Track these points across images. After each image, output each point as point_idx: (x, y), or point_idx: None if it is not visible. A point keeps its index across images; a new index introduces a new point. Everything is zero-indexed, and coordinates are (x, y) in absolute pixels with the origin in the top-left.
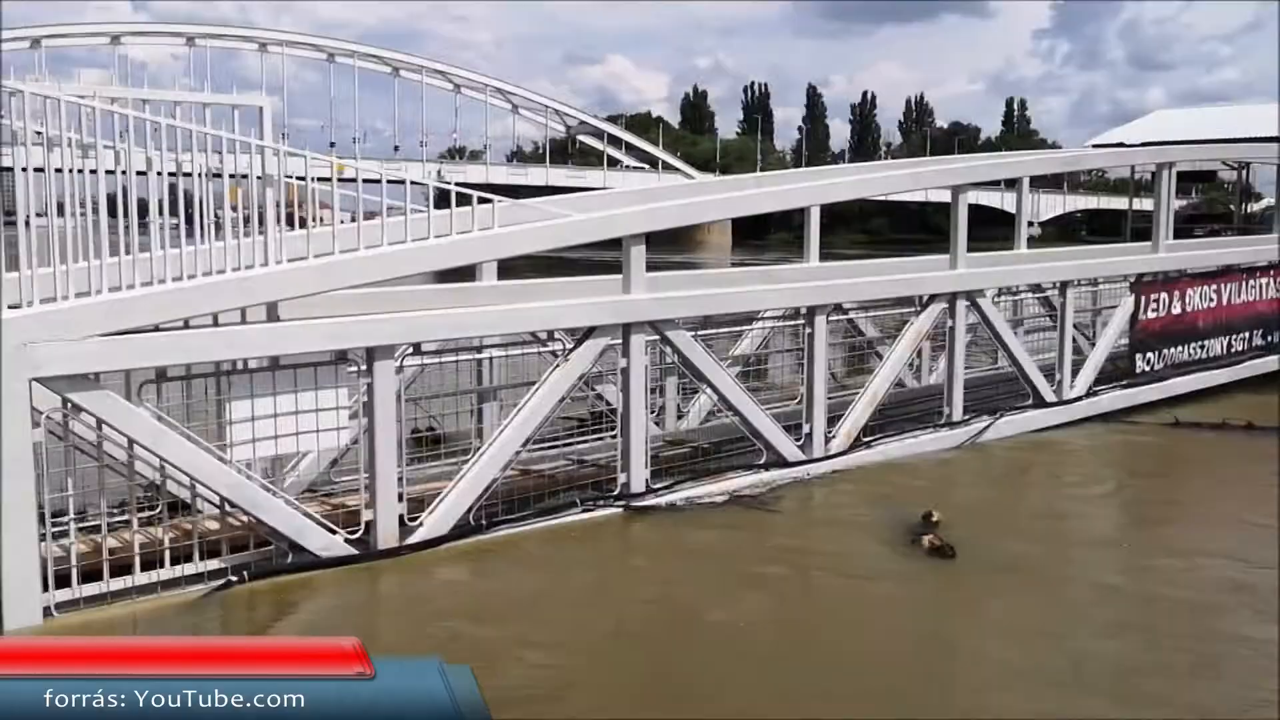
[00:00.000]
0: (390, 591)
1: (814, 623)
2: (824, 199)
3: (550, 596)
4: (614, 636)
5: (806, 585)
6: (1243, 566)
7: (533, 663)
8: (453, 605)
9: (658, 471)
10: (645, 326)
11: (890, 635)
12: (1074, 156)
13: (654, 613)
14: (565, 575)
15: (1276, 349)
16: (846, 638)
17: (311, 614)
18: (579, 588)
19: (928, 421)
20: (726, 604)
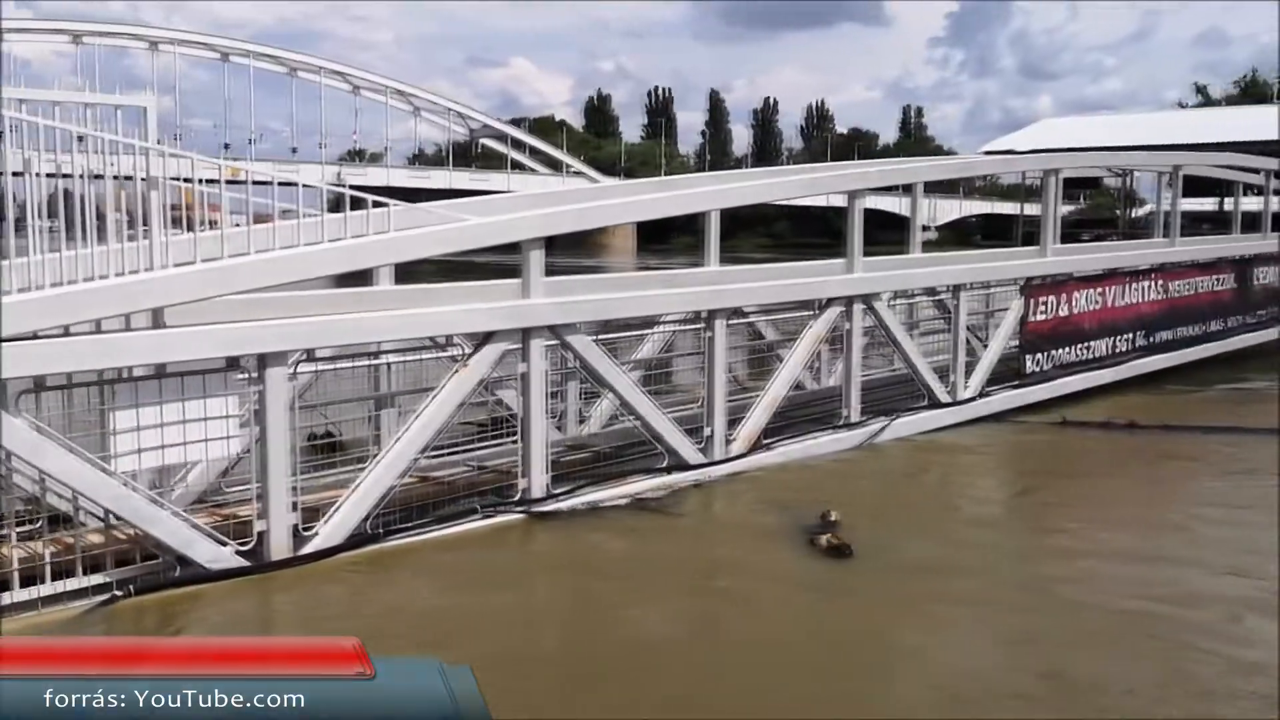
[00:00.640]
0: (281, 605)
1: (715, 625)
2: (723, 204)
3: (447, 608)
4: (517, 648)
5: (707, 588)
6: (1130, 558)
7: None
8: (345, 619)
9: (559, 476)
10: (544, 331)
11: (789, 632)
12: (965, 163)
13: (555, 621)
14: (463, 585)
15: (1158, 349)
16: (748, 638)
17: (199, 629)
18: (478, 598)
19: (826, 423)
20: (630, 610)
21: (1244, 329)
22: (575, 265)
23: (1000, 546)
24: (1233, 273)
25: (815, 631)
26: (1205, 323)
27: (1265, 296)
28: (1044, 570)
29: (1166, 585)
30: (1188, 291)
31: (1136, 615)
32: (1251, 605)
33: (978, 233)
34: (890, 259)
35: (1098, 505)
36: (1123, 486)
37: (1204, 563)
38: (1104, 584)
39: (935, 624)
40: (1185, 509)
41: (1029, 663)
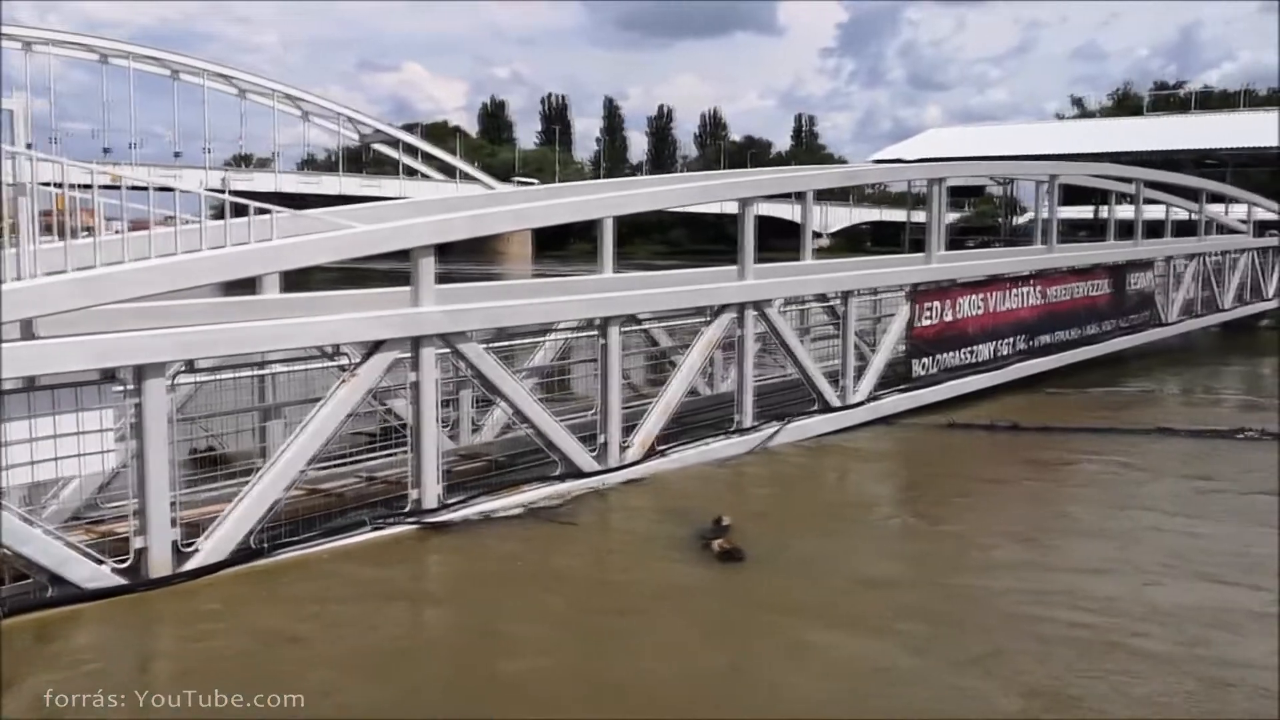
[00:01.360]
0: (159, 625)
1: (607, 634)
2: (617, 211)
3: (334, 625)
4: (404, 665)
5: (601, 596)
6: (1015, 558)
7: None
8: (226, 639)
9: (452, 486)
10: (435, 339)
11: (681, 638)
12: (854, 172)
13: (446, 636)
14: (351, 600)
15: (1038, 353)
16: (640, 646)
17: (72, 651)
18: (366, 613)
19: (721, 428)
20: (522, 622)
21: (1119, 332)
22: (471, 272)
23: (890, 549)
24: (1108, 278)
25: (699, 642)
26: (1082, 327)
27: (1139, 301)
28: (935, 575)
29: (1050, 584)
30: (1066, 297)
31: (1021, 617)
32: (1133, 596)
33: (869, 239)
34: (782, 266)
35: (984, 505)
36: (1007, 486)
37: (1085, 560)
38: (995, 587)
39: (815, 630)
40: (1065, 507)
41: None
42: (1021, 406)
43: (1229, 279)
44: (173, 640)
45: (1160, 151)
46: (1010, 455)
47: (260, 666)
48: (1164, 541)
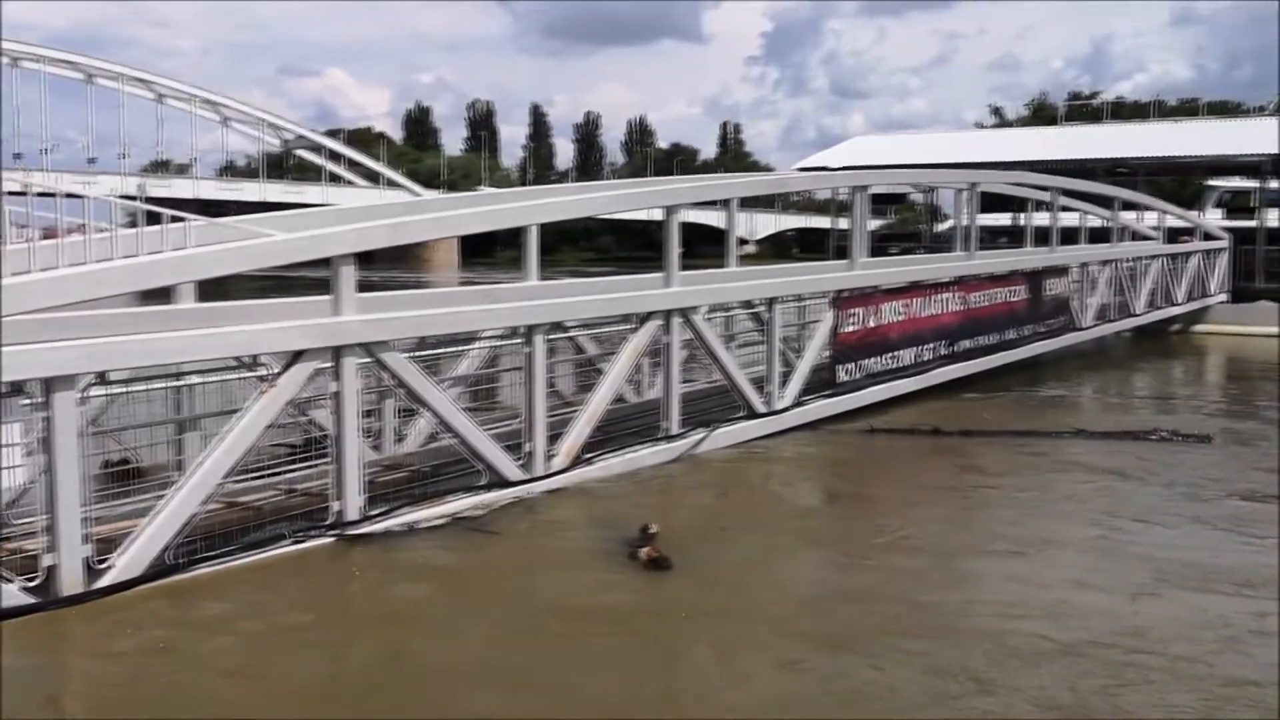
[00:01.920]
0: (69, 645)
1: (531, 646)
2: (541, 218)
3: (252, 643)
4: (327, 686)
5: (526, 607)
6: (938, 562)
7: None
8: (139, 659)
9: (375, 497)
10: (357, 349)
11: (607, 648)
12: (779, 179)
13: (366, 652)
14: (269, 616)
15: (959, 358)
16: (566, 657)
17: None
18: (285, 629)
19: (647, 435)
20: (445, 637)
21: (1037, 337)
22: (395, 280)
23: (816, 556)
24: (1026, 284)
25: (625, 652)
26: (1002, 332)
27: (1055, 306)
28: (857, 581)
29: (980, 591)
30: (985, 302)
31: (936, 609)
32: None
33: (795, 245)
34: (707, 273)
35: (907, 511)
36: (929, 489)
37: (1011, 565)
38: (915, 586)
39: (738, 640)
40: (988, 510)
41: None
42: (943, 411)
43: (1141, 284)
44: (83, 662)
45: (1075, 160)
46: (932, 459)
47: (175, 688)
48: (1081, 541)
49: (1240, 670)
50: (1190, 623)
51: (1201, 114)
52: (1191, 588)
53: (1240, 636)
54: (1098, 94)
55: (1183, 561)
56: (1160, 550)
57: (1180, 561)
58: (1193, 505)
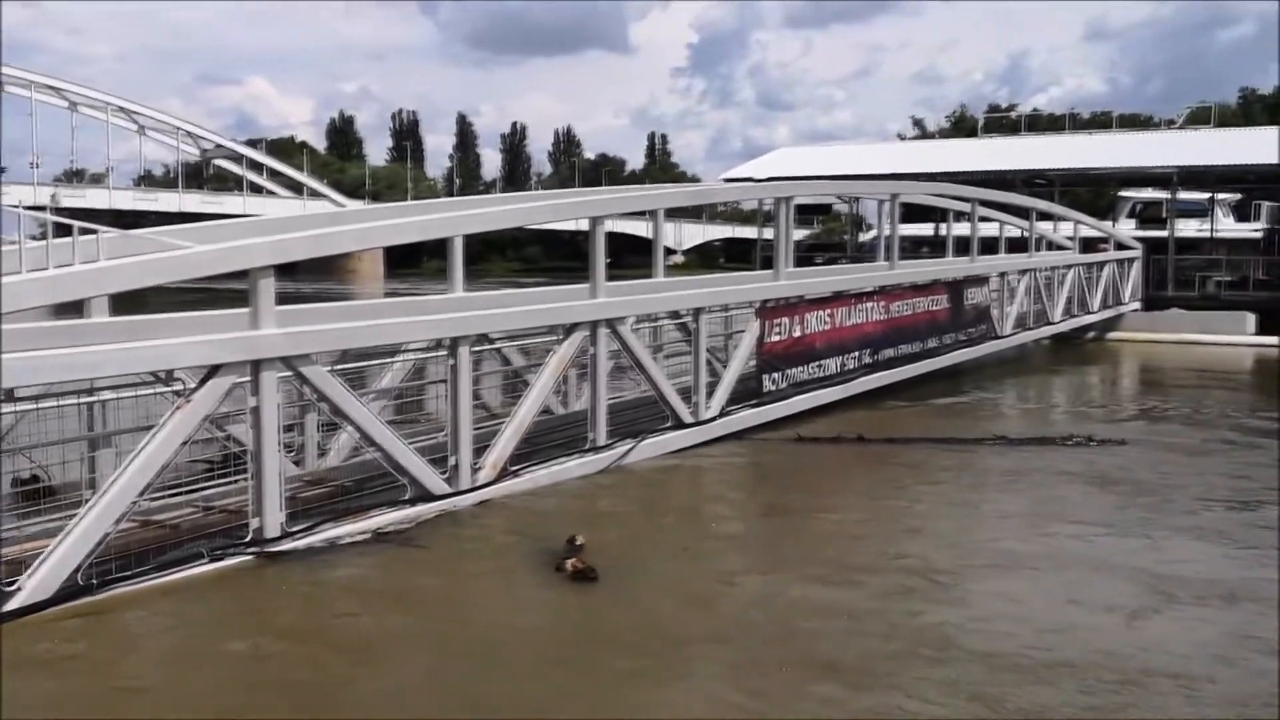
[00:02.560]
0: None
1: (456, 660)
2: (465, 230)
3: (166, 665)
4: (244, 708)
5: (449, 620)
6: (860, 569)
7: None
8: (49, 684)
9: (296, 513)
10: (276, 363)
11: (533, 660)
12: (704, 191)
13: (286, 672)
14: (184, 637)
15: (882, 366)
16: (491, 670)
17: None
18: (199, 651)
19: (574, 447)
20: (365, 654)
21: (958, 345)
22: (318, 292)
23: (743, 564)
24: (946, 293)
25: (550, 664)
26: (924, 340)
27: (975, 315)
28: (783, 590)
29: (912, 602)
30: (908, 312)
31: (860, 613)
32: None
33: (722, 255)
34: (634, 283)
35: (834, 518)
36: (854, 496)
37: (939, 569)
38: (844, 600)
39: (662, 649)
40: (913, 519)
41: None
42: (867, 419)
43: (1058, 293)
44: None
45: (994, 171)
46: (857, 466)
47: (86, 710)
48: (997, 544)
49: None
50: (1183, 638)
51: (1114, 127)
52: (1158, 595)
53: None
54: (1015, 107)
55: (1131, 567)
56: (1113, 557)
57: (1130, 567)
58: (1128, 511)
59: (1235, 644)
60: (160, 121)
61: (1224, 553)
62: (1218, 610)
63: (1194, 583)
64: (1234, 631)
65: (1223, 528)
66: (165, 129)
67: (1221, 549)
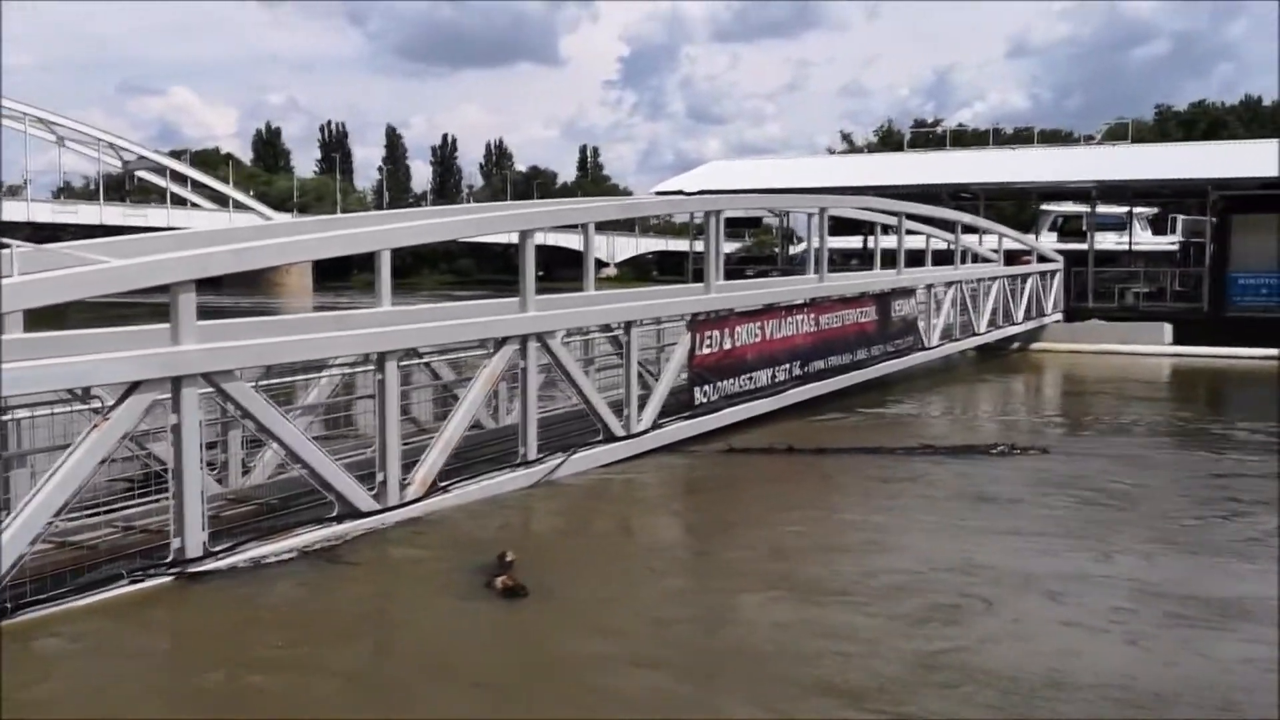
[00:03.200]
0: None
1: (381, 679)
2: (392, 244)
3: (81, 691)
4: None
5: (376, 639)
6: (790, 578)
7: None
8: None
9: (219, 532)
10: (197, 379)
11: (462, 678)
12: (633, 204)
13: (205, 697)
14: (99, 661)
15: (812, 378)
16: (418, 690)
17: None
18: (115, 675)
19: (505, 462)
20: (288, 674)
21: (886, 357)
22: (244, 306)
23: (674, 581)
24: (875, 305)
25: (480, 682)
26: (853, 352)
27: (903, 327)
28: (718, 604)
29: (837, 617)
30: (837, 324)
31: (793, 626)
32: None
33: (655, 268)
34: (564, 297)
35: (766, 529)
36: (785, 507)
37: (872, 581)
38: (775, 614)
39: (608, 661)
40: (842, 530)
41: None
42: (798, 429)
43: (983, 305)
44: None
45: (921, 185)
46: (788, 477)
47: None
48: (941, 553)
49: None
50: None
51: (1036, 142)
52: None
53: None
54: (940, 121)
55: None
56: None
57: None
58: (1046, 519)
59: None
60: (80, 132)
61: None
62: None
63: (1119, 581)
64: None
65: (1165, 535)
66: (86, 140)
67: (1159, 554)
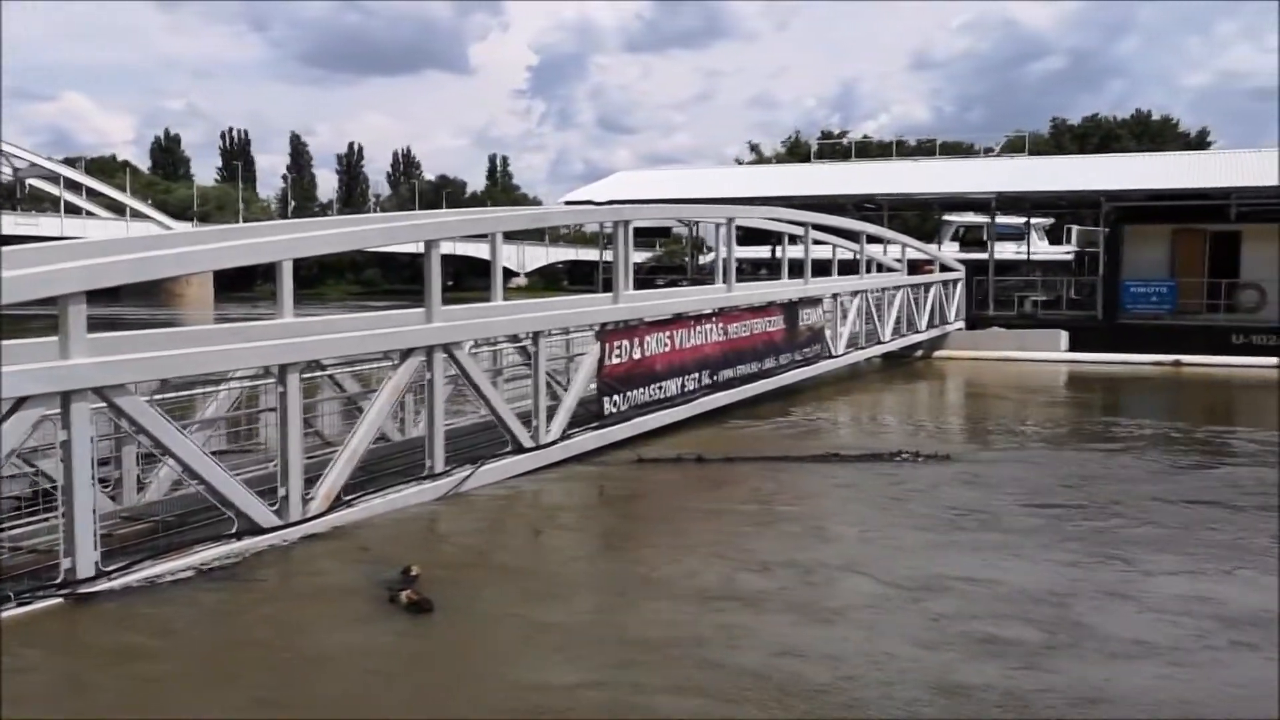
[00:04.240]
0: None
1: (279, 700)
2: (293, 254)
3: None
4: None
5: (275, 658)
6: (715, 586)
7: None
8: None
9: (113, 551)
10: (88, 394)
11: (364, 695)
12: (541, 214)
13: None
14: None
15: (721, 387)
16: (319, 708)
17: None
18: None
19: (411, 474)
20: (182, 697)
21: (794, 365)
22: (142, 318)
23: (582, 594)
24: (782, 314)
25: (383, 698)
26: (761, 361)
27: (810, 335)
28: (627, 618)
29: (737, 618)
30: (745, 333)
31: (706, 639)
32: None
33: (566, 278)
34: (471, 307)
35: (675, 538)
36: (694, 516)
37: (772, 584)
38: (687, 623)
39: (513, 676)
40: (749, 540)
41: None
42: (707, 438)
43: (888, 313)
44: None
45: (827, 196)
46: (697, 486)
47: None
48: (837, 555)
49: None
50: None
51: (938, 154)
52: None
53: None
54: (846, 133)
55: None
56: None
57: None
58: (951, 523)
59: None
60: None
61: (1040, 561)
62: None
63: (1008, 584)
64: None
65: (1045, 540)
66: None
67: (1044, 559)
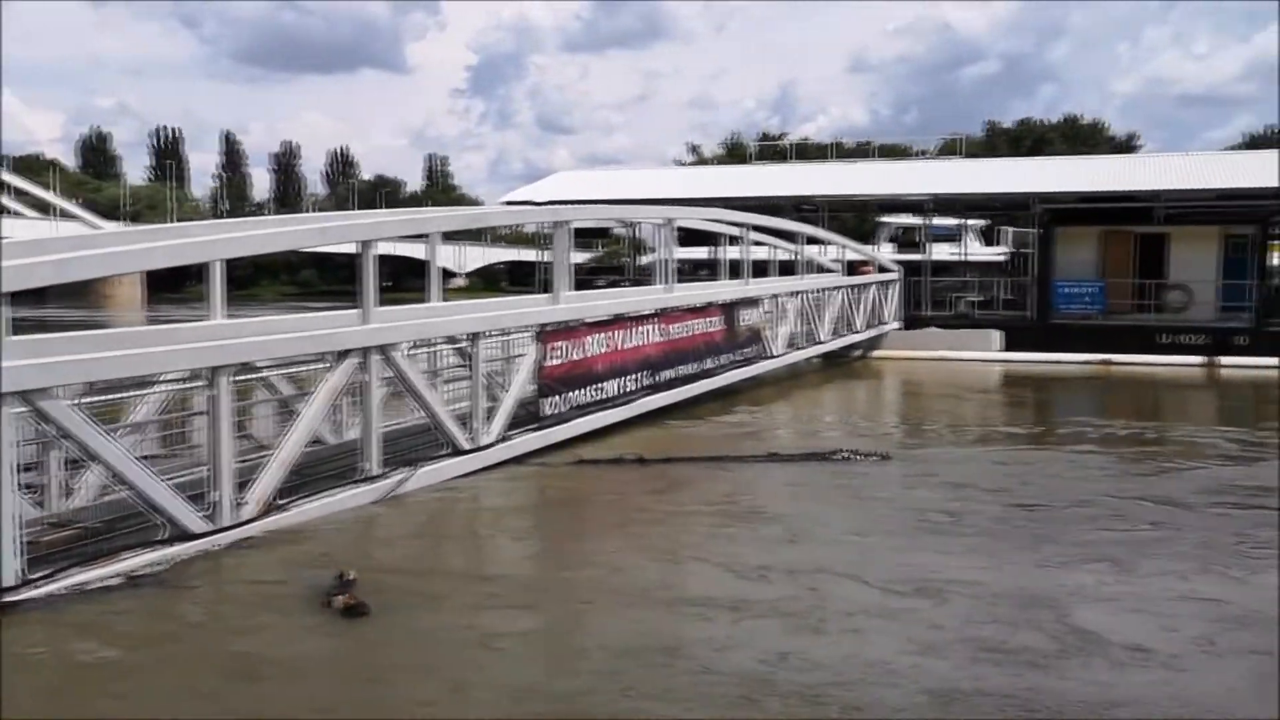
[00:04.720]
0: None
1: (214, 709)
2: (223, 254)
3: None
4: None
5: (206, 666)
6: (654, 591)
7: None
8: None
9: (38, 559)
10: (10, 398)
11: (300, 702)
12: (479, 214)
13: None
14: None
15: (661, 387)
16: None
17: None
18: None
19: (347, 478)
20: (107, 706)
21: (733, 365)
22: (70, 320)
23: (521, 596)
24: (721, 315)
25: (322, 703)
26: (701, 361)
27: (749, 336)
28: (566, 624)
29: (689, 625)
30: (685, 333)
31: (639, 648)
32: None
33: (505, 278)
34: (408, 308)
35: (615, 539)
36: (634, 519)
37: (712, 588)
38: (635, 627)
39: (449, 682)
40: (690, 543)
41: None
42: (648, 439)
43: (826, 314)
44: None
45: (766, 197)
46: (637, 487)
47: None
48: (783, 557)
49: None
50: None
51: (875, 156)
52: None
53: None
54: (785, 135)
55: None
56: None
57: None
58: (884, 523)
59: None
60: None
61: (980, 557)
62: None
63: (961, 582)
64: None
65: (985, 540)
66: None
67: (983, 557)
